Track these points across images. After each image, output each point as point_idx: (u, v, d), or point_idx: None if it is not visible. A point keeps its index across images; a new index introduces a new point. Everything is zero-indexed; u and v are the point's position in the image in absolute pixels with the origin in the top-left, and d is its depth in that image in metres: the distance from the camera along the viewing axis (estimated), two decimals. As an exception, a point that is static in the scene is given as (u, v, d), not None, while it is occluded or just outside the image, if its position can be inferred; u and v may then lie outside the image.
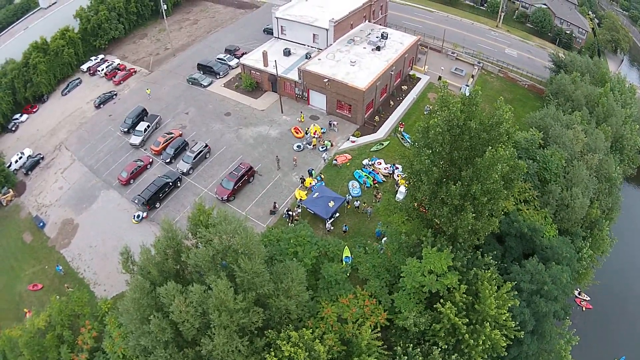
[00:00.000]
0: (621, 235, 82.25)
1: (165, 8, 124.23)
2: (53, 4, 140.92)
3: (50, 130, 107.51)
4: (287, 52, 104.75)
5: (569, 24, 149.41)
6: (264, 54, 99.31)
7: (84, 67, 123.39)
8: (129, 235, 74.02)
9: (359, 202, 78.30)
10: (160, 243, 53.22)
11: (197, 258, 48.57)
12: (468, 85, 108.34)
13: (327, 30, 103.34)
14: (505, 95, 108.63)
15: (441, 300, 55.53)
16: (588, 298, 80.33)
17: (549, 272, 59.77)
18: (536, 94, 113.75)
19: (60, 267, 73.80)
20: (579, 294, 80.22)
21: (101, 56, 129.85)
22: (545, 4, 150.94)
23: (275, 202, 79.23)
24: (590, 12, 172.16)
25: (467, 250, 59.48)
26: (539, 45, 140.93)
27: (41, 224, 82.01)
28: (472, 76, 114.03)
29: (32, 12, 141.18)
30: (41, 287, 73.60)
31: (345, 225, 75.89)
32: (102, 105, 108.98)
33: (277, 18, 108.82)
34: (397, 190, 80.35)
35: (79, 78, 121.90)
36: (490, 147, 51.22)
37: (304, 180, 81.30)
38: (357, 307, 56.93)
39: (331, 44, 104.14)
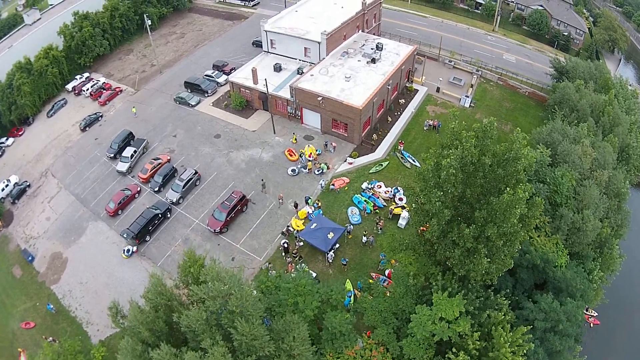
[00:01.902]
0: (628, 246, 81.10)
1: (150, 23, 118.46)
2: (38, 19, 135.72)
3: (36, 155, 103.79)
4: (277, 68, 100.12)
5: (566, 25, 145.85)
6: (254, 71, 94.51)
7: (69, 86, 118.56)
8: (120, 271, 72.58)
9: (366, 237, 73.39)
10: (150, 300, 48.93)
11: (189, 320, 43.87)
12: (468, 96, 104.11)
13: (319, 43, 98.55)
14: (506, 104, 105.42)
15: (453, 349, 51.04)
16: (595, 314, 76.62)
17: (564, 309, 56.25)
18: (537, 101, 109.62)
19: (52, 306, 70.64)
20: (587, 310, 75.89)
21: (86, 74, 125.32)
22: (541, 5, 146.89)
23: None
24: (585, 11, 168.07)
25: (478, 290, 55.16)
26: (536, 48, 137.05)
27: (30, 257, 78.93)
28: (472, 85, 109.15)
29: (17, 29, 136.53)
30: (34, 326, 70.51)
31: (345, 259, 71.70)
32: (87, 128, 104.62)
33: (266, 31, 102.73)
34: (393, 214, 78.03)
35: (64, 98, 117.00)
36: (508, 188, 46.79)
37: (297, 205, 78.70)
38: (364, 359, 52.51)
39: (324, 58, 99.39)
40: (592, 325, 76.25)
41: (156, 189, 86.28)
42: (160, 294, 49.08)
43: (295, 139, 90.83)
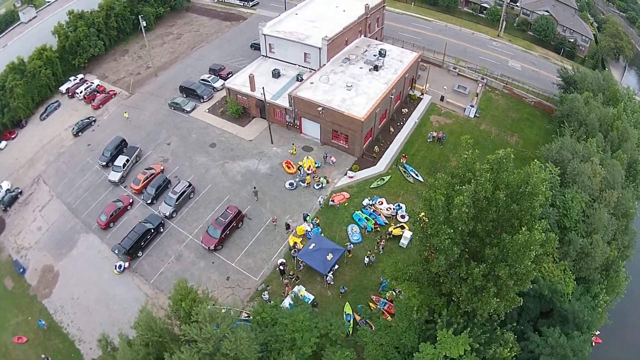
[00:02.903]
0: (633, 266, 78.47)
1: (145, 25, 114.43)
2: (34, 18, 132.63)
3: (28, 160, 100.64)
4: (276, 74, 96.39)
5: (571, 31, 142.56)
6: (251, 78, 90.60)
7: (63, 88, 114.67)
8: (112, 288, 70.50)
9: (368, 259, 70.50)
10: (140, 334, 46.51)
11: (182, 362, 40.56)
12: (473, 106, 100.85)
13: (319, 49, 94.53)
14: (511, 114, 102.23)
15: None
16: (597, 332, 73.12)
17: (570, 344, 53.78)
18: (543, 111, 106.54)
19: (43, 322, 68.59)
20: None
21: (80, 76, 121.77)
22: (547, 11, 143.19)
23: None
24: (589, 16, 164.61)
25: (484, 324, 52.09)
26: (542, 55, 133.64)
27: (21, 269, 76.81)
28: (477, 94, 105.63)
29: (12, 27, 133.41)
30: (26, 341, 68.62)
31: (344, 287, 68.41)
32: (80, 133, 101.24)
33: (264, 35, 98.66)
34: (393, 234, 74.88)
35: (57, 101, 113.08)
36: (523, 228, 43.72)
37: (289, 227, 75.01)
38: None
39: (324, 64, 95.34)
40: (593, 343, 72.48)
41: (149, 201, 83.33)
42: (151, 329, 45.78)
43: (295, 150, 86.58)
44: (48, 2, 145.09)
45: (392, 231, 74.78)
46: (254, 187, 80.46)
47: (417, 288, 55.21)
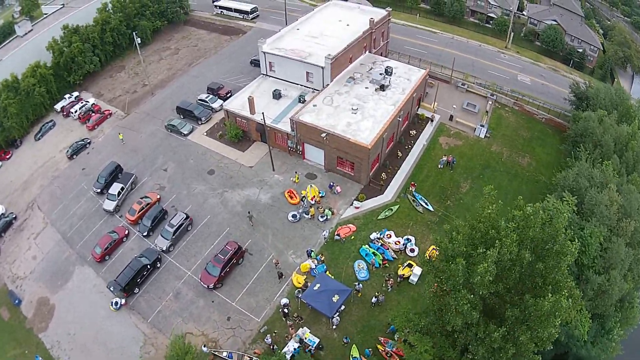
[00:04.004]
0: None
1: (140, 42, 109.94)
2: (29, 31, 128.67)
3: (22, 183, 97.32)
4: (277, 95, 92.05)
5: (580, 41, 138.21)
6: (250, 101, 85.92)
7: (58, 106, 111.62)
8: (109, 325, 67.76)
9: (376, 298, 67.30)
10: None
11: None
12: (483, 126, 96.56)
13: (322, 68, 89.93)
14: (522, 133, 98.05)
15: None
16: None
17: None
18: (555, 129, 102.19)
19: (40, 358, 66.35)
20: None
21: (75, 94, 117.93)
22: (555, 20, 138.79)
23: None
24: (595, 23, 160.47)
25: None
26: (550, 67, 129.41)
27: (17, 301, 74.49)
28: (487, 112, 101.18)
29: (8, 41, 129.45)
30: None
31: (347, 337, 64.46)
32: (75, 156, 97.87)
33: (264, 53, 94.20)
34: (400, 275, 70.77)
35: (52, 120, 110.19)
36: (549, 292, 40.58)
37: (281, 275, 70.22)
38: None
39: (328, 84, 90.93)
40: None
41: (145, 233, 79.23)
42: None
43: (297, 179, 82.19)
44: (45, 14, 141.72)
45: (400, 273, 70.61)
46: (249, 212, 77.92)
47: (429, 343, 50.52)
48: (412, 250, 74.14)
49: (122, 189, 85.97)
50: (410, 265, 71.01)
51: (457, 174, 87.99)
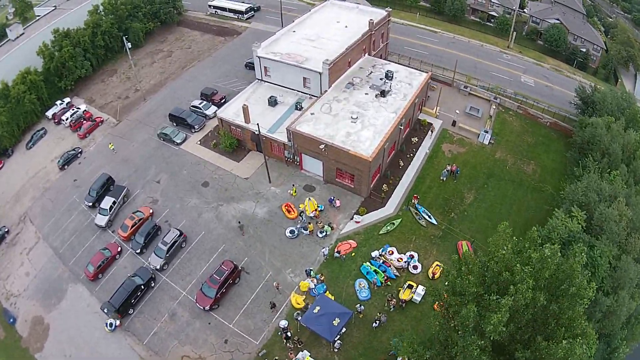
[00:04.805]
0: None
1: (130, 46, 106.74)
2: (21, 34, 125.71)
3: (14, 195, 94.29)
4: (272, 102, 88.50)
5: (583, 40, 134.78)
6: (245, 109, 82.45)
7: (49, 113, 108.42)
8: (104, 347, 65.76)
9: (379, 321, 64.62)
10: None
11: None
12: (487, 131, 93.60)
13: (320, 74, 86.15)
14: (527, 138, 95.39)
15: None
16: None
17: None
18: (560, 133, 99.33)
19: None
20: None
21: (67, 100, 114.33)
22: (557, 19, 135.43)
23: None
24: (597, 20, 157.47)
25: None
26: (553, 67, 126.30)
27: (11, 319, 72.61)
28: (490, 116, 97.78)
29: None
30: None
31: (346, 365, 59.93)
32: (66, 166, 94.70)
33: (259, 57, 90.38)
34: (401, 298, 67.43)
35: (43, 128, 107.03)
36: (564, 339, 38.51)
37: (274, 306, 66.89)
38: None
39: (326, 90, 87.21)
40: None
41: (138, 251, 76.36)
42: None
43: (295, 192, 78.91)
44: (38, 16, 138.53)
45: (401, 297, 67.58)
46: (239, 222, 76.20)
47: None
48: (415, 267, 71.33)
49: (114, 202, 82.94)
50: (410, 287, 67.98)
51: (461, 184, 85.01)
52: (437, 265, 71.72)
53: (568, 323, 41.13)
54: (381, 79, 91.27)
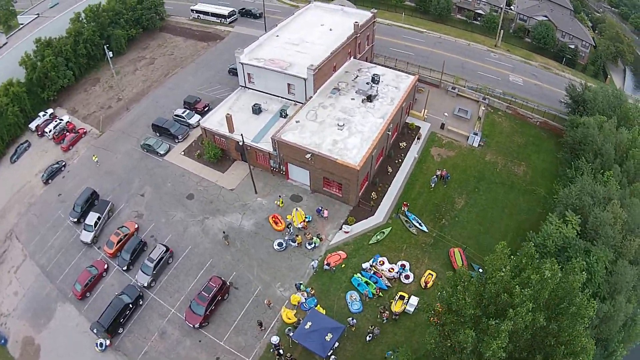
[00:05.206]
0: None
1: (112, 56, 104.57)
2: (4, 44, 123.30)
3: (0, 211, 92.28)
4: (257, 110, 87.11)
5: (571, 37, 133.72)
6: (228, 119, 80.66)
7: (33, 125, 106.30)
8: None
9: (371, 334, 63.47)
10: None
11: None
12: (477, 134, 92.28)
13: (304, 79, 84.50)
14: (517, 139, 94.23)
15: None
16: None
17: None
18: (550, 132, 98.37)
19: None
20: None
21: (50, 111, 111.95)
22: (545, 16, 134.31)
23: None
24: (584, 16, 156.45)
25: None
26: (542, 65, 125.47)
27: (2, 340, 71.00)
28: (479, 118, 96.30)
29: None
30: None
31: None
32: (50, 180, 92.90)
33: (242, 64, 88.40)
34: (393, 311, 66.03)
35: (27, 141, 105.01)
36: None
37: (261, 324, 64.82)
38: None
39: (311, 96, 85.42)
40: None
41: (124, 268, 74.69)
42: None
43: (282, 203, 77.01)
44: (22, 24, 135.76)
45: (394, 309, 66.15)
46: (224, 232, 74.97)
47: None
48: (407, 277, 69.97)
49: (99, 218, 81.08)
50: (402, 298, 66.56)
51: (451, 188, 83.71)
52: (429, 274, 70.48)
53: (568, 341, 39.94)
54: (367, 83, 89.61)
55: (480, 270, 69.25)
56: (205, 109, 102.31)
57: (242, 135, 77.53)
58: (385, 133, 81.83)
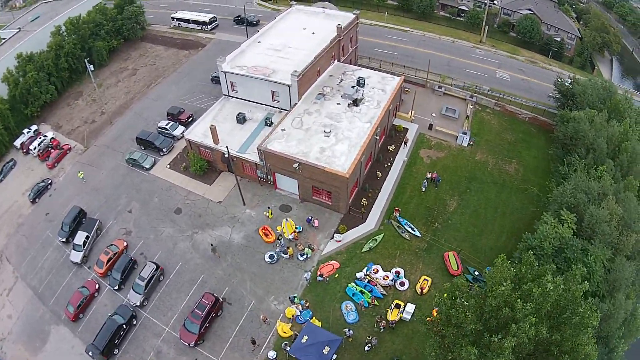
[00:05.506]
0: None
1: (93, 69, 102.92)
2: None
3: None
4: (241, 119, 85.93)
5: (556, 29, 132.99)
6: (212, 130, 79.30)
7: (17, 142, 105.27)
8: None
9: (369, 344, 62.45)
10: None
11: None
12: (466, 133, 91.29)
13: (289, 86, 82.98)
14: (507, 136, 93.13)
15: None
16: None
17: None
18: (540, 127, 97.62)
19: None
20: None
21: (34, 127, 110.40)
22: (530, 10, 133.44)
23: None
24: (569, 8, 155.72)
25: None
26: (528, 59, 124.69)
27: None
28: (467, 116, 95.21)
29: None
30: None
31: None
32: (37, 199, 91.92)
33: (224, 73, 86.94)
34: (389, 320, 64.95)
35: (12, 159, 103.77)
36: None
37: (254, 342, 63.40)
38: None
39: (296, 103, 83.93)
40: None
41: (116, 287, 73.48)
42: None
43: (271, 214, 75.79)
44: (4, 39, 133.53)
45: (392, 320, 64.88)
46: (212, 244, 73.87)
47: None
48: (402, 284, 68.94)
49: (88, 237, 79.76)
50: (398, 306, 65.53)
51: (443, 190, 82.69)
52: (424, 279, 69.61)
53: (571, 349, 39.13)
54: (353, 87, 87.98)
55: (477, 272, 68.40)
56: (189, 120, 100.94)
57: (227, 147, 76.07)
58: (373, 138, 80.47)
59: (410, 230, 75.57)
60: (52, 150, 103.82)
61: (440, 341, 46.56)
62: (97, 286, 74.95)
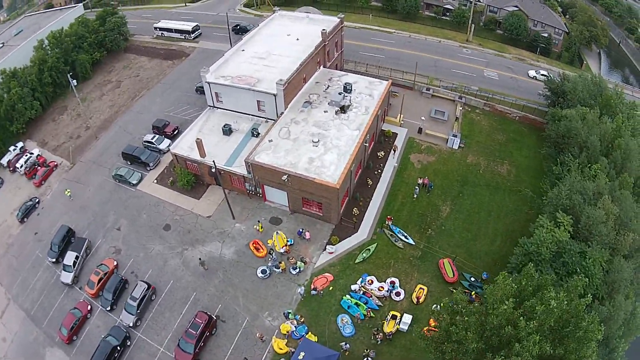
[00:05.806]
0: None
1: (76, 84, 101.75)
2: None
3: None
4: (227, 130, 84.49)
5: (543, 25, 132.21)
6: (198, 143, 77.87)
7: (4, 161, 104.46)
8: None
9: (367, 357, 61.49)
10: None
11: None
12: (456, 135, 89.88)
13: (274, 95, 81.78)
14: (497, 137, 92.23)
15: None
16: None
17: None
18: (530, 126, 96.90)
19: None
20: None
21: (20, 144, 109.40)
22: (516, 6, 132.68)
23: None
24: (555, 2, 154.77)
25: None
26: (516, 56, 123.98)
27: None
28: (457, 118, 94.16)
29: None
30: None
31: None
32: (25, 219, 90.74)
33: (208, 83, 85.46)
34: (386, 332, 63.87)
35: (0, 178, 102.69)
36: None
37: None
38: None
39: (282, 112, 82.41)
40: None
41: (108, 308, 72.46)
42: None
43: (261, 228, 74.42)
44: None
45: (389, 332, 63.85)
46: (200, 259, 72.80)
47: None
48: (397, 294, 67.95)
49: (77, 257, 78.50)
50: (394, 317, 64.52)
51: (435, 196, 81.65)
52: (420, 288, 68.64)
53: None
54: (340, 93, 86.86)
55: (473, 279, 67.46)
56: (175, 132, 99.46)
57: (213, 162, 74.71)
58: (363, 145, 79.21)
59: (403, 238, 74.54)
60: (39, 167, 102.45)
61: (440, 357, 45.57)
62: (89, 307, 73.69)
